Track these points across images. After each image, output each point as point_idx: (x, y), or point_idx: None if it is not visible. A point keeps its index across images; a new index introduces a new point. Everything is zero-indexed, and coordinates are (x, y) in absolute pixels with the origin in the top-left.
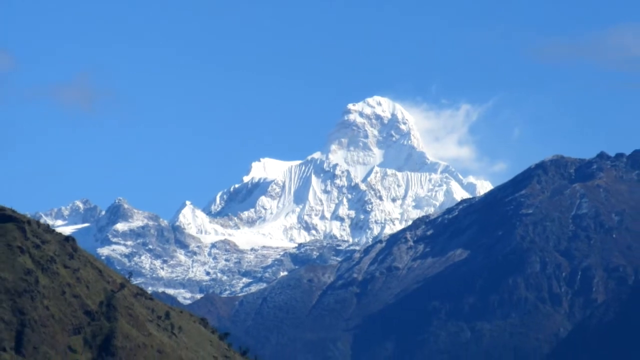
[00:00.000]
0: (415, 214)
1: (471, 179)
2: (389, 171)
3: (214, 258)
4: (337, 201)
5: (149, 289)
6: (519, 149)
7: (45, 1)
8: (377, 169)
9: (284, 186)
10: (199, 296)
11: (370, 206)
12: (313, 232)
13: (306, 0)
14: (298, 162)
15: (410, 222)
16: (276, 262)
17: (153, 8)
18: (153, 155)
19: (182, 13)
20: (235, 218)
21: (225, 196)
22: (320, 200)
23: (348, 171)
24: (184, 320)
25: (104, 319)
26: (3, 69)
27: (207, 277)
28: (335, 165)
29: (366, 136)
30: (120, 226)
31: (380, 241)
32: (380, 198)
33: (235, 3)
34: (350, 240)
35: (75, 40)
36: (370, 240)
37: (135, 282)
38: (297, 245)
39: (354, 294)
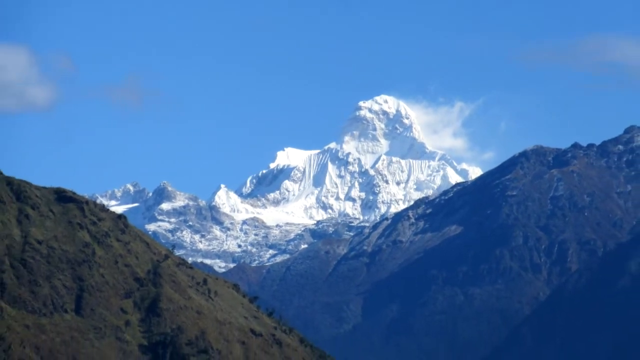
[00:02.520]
0: (417, 195)
1: (464, 165)
2: (394, 159)
3: (245, 233)
4: (349, 184)
5: (189, 260)
6: (505, 140)
7: (102, 12)
8: (384, 157)
9: (304, 172)
10: (232, 265)
11: (378, 189)
12: (329, 210)
13: (326, 17)
14: (316, 151)
15: (412, 203)
16: (298, 236)
17: (192, 20)
18: (193, 145)
19: (216, 23)
20: (263, 199)
21: (254, 180)
22: (336, 184)
23: (359, 159)
24: (219, 286)
25: (151, 285)
26: (64, 71)
27: (239, 249)
28: (348, 153)
29: (374, 129)
30: (165, 206)
31: (387, 218)
32: (387, 182)
33: (264, 17)
34: (361, 217)
35: (127, 46)
36: (378, 217)
37: (177, 254)
38: (315, 222)
39: (364, 263)
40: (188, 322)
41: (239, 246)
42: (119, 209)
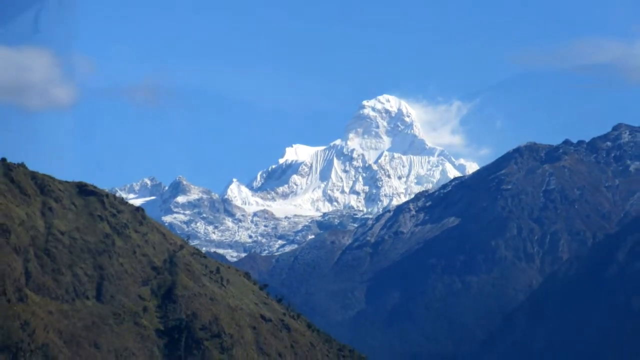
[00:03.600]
0: (417, 189)
1: (462, 161)
2: (396, 155)
3: (255, 224)
4: (354, 179)
5: (203, 249)
6: (500, 137)
7: (120, 17)
8: (386, 153)
9: (311, 167)
10: (243, 255)
11: (380, 183)
12: (335, 203)
13: (331, 23)
14: (323, 147)
15: (412, 196)
16: (305, 227)
17: (204, 24)
18: (207, 141)
19: (227, 26)
20: (273, 192)
21: (264, 175)
22: (341, 178)
23: (363, 155)
24: (231, 274)
25: (167, 273)
26: (86, 72)
27: (250, 240)
28: (353, 150)
29: (377, 126)
30: (180, 199)
31: (389, 211)
32: (389, 176)
33: (274, 21)
34: (365, 210)
35: (144, 49)
36: (380, 210)
37: (192, 244)
38: (322, 214)
39: (367, 253)
40: (202, 308)
41: (250, 237)
42: (137, 201)
